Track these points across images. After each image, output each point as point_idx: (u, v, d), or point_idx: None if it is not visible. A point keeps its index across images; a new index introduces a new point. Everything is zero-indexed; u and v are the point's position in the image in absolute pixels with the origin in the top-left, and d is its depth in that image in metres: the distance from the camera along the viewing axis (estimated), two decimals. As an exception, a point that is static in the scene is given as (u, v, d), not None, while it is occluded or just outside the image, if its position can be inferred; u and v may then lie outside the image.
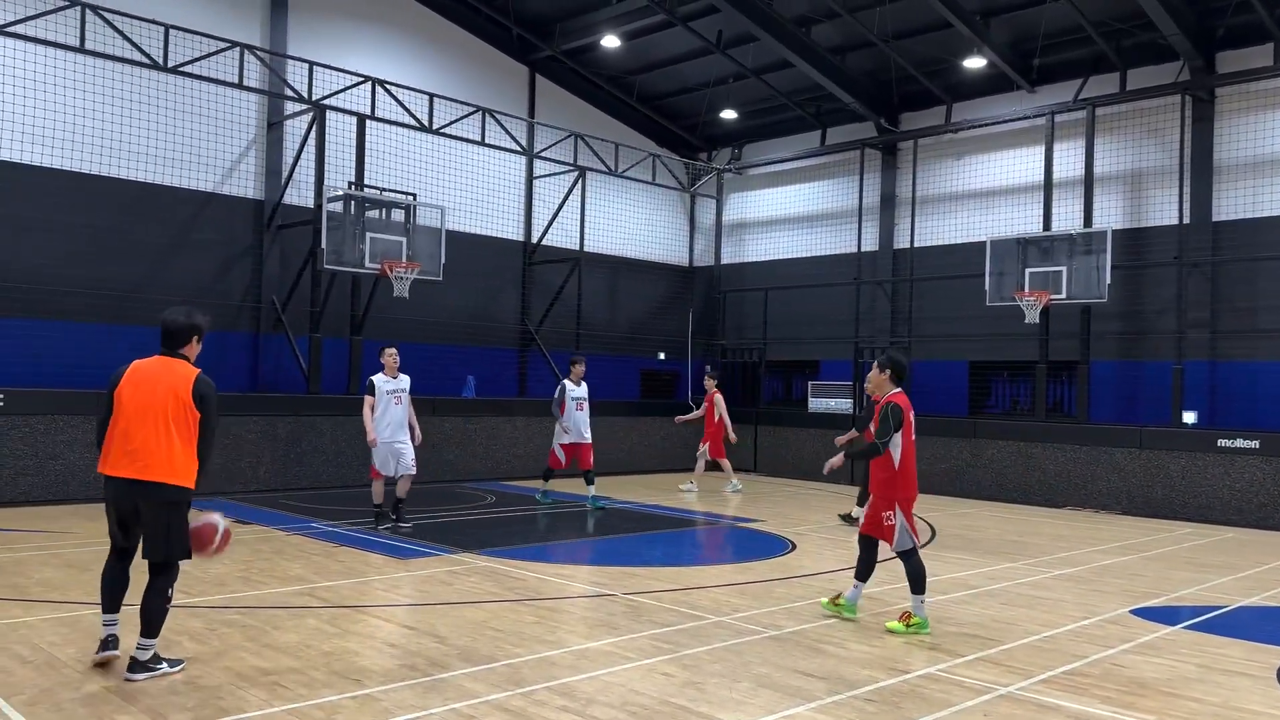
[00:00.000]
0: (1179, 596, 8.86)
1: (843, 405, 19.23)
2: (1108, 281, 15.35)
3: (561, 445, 13.87)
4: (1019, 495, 16.22)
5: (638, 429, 19.56)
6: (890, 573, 9.52)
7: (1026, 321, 16.11)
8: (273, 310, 16.22)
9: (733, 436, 16.61)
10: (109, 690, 5.33)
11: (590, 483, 13.85)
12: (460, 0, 18.89)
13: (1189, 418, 15.37)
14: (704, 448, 16.70)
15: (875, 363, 7.76)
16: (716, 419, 16.59)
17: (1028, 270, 16.15)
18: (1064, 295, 15.76)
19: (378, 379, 11.31)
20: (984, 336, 17.92)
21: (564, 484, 15.15)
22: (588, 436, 13.96)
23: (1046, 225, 16.82)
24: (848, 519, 12.59)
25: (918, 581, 7.25)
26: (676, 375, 22.22)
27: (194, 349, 5.87)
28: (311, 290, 15.56)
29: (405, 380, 11.43)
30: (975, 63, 17.35)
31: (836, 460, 7.86)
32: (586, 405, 14.03)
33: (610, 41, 18.97)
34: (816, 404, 19.75)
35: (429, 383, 17.62)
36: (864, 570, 7.58)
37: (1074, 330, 16.45)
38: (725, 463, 16.82)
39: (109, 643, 5.69)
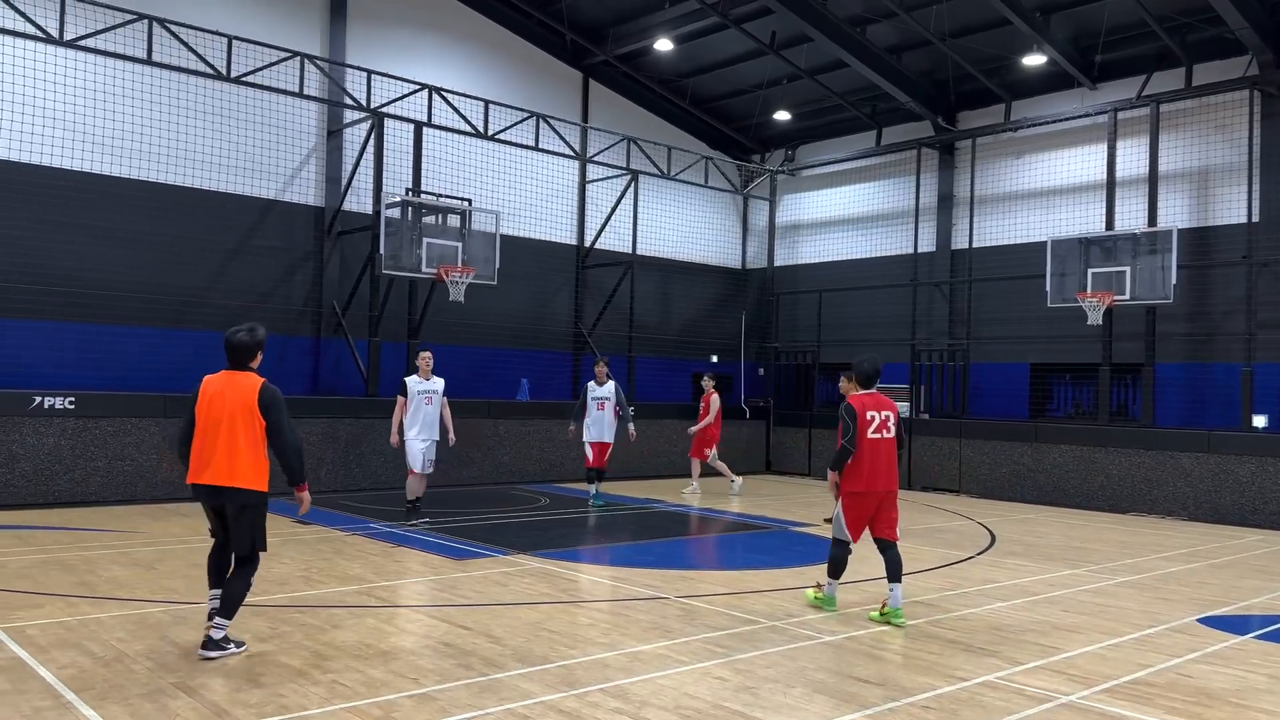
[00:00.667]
0: (1248, 605, 8.61)
1: (899, 409, 18.94)
2: (1173, 282, 14.99)
3: (590, 443, 14.20)
4: (1082, 500, 15.89)
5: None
6: (946, 579, 9.41)
7: (1089, 323, 15.78)
8: (333, 315, 16.52)
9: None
10: (176, 686, 5.47)
11: (598, 479, 14.33)
12: (515, 8, 19.07)
13: (1259, 421, 14.92)
14: (712, 451, 16.27)
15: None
16: (713, 419, 16.15)
17: (1090, 271, 15.83)
18: (1128, 296, 15.42)
19: (411, 380, 11.82)
20: (1045, 338, 17.59)
21: (617, 487, 15.19)
22: (607, 437, 14.18)
23: (1109, 225, 16.48)
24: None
25: (833, 565, 7.78)
26: (729, 378, 22.15)
27: (258, 360, 6.38)
28: (370, 295, 15.81)
29: (439, 382, 11.89)
30: (1035, 60, 17.06)
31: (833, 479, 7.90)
32: (609, 405, 14.14)
33: (663, 45, 19.00)
34: (872, 407, 19.50)
35: (484, 386, 17.83)
36: (891, 571, 7.61)
37: (1138, 331, 16.08)
38: (697, 466, 16.38)
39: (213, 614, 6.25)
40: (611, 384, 14.26)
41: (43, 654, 6.00)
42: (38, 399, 12.47)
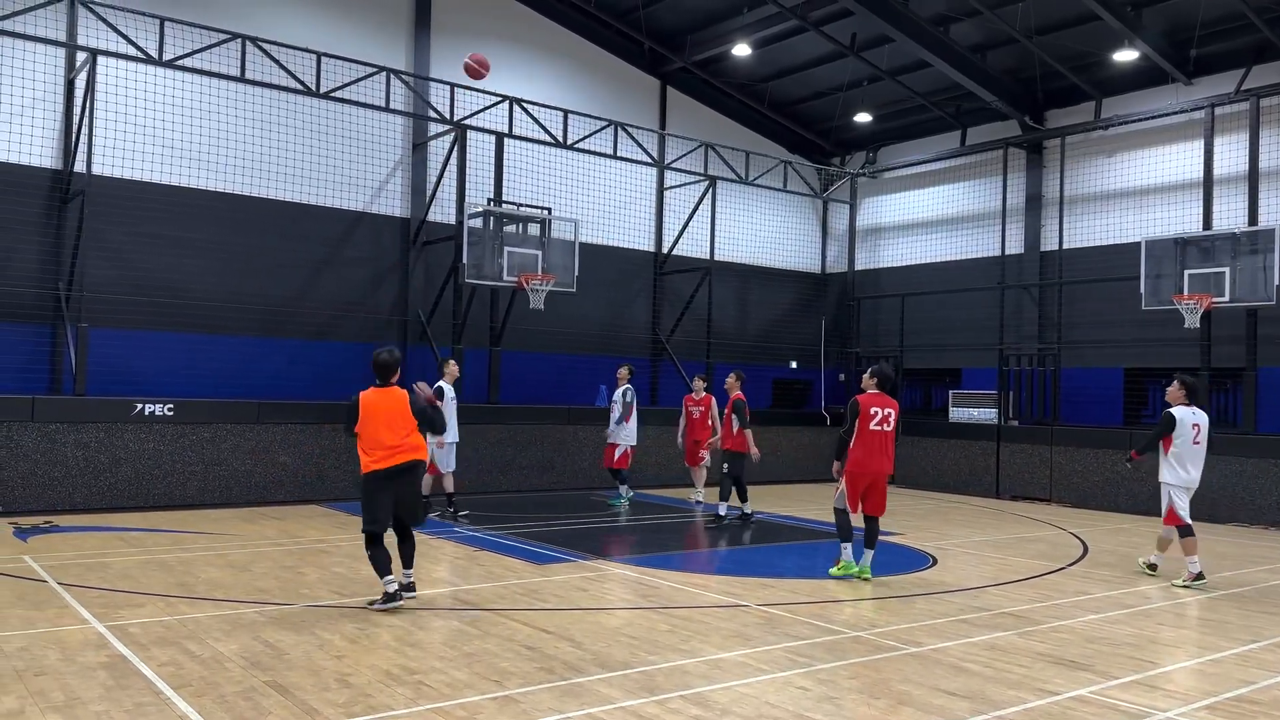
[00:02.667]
0: (1362, 622, 8.19)
1: (987, 415, 18.56)
2: (1276, 283, 14.37)
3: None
4: (1179, 510, 15.29)
5: (769, 438, 19.24)
6: (1037, 590, 9.18)
7: (1186, 326, 15.23)
8: (418, 323, 16.85)
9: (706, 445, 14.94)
10: (268, 685, 5.64)
11: (619, 480, 15.20)
12: (594, 18, 19.23)
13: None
14: (706, 454, 15.02)
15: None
16: (710, 422, 14.75)
17: (1187, 272, 15.29)
18: (1227, 298, 14.85)
19: (445, 386, 12.72)
20: (1140, 342, 17.02)
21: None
22: (609, 438, 15.10)
23: (1207, 224, 15.88)
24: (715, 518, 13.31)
25: (841, 531, 9.50)
26: (810, 384, 21.94)
27: (398, 375, 7.94)
28: (454, 303, 16.09)
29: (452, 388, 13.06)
30: (1126, 55, 16.53)
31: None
32: (616, 407, 15.01)
33: (741, 50, 18.94)
34: (958, 414, 19.13)
35: (563, 392, 17.99)
36: (869, 539, 9.44)
37: (1239, 335, 15.44)
38: (702, 473, 15.23)
39: (394, 596, 7.56)
40: (622, 389, 14.98)
41: (143, 651, 6.25)
42: (139, 406, 12.99)
